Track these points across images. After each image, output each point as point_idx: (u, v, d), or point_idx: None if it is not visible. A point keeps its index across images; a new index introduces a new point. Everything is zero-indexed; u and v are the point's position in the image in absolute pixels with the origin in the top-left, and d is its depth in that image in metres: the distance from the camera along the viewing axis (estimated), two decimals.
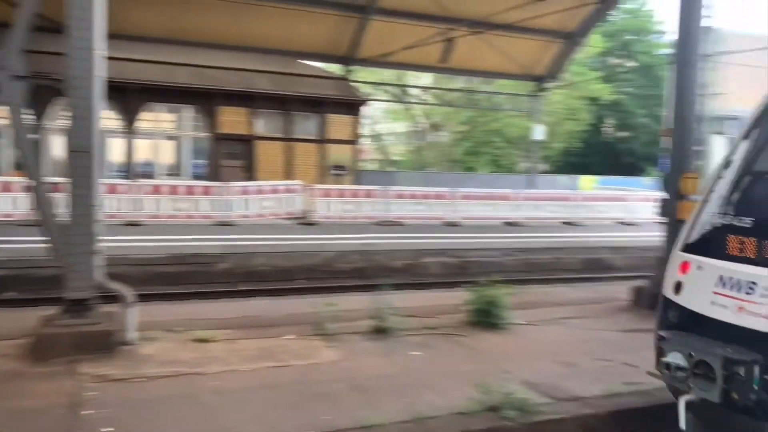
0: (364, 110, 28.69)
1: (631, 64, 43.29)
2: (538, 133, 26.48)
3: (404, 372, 6.57)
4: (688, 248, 4.87)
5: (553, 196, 22.00)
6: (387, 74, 33.87)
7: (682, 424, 4.38)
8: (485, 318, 8.35)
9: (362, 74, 29.20)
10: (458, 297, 9.21)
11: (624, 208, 22.68)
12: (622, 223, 22.17)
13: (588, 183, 33.63)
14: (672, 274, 4.94)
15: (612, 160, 42.87)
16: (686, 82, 9.62)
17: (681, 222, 9.75)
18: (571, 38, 24.46)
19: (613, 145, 44.56)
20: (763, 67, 47.58)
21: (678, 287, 4.79)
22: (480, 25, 21.03)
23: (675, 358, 4.39)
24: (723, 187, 4.82)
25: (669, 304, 4.92)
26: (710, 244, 4.61)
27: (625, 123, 43.35)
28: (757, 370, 3.85)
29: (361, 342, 7.56)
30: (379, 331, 7.79)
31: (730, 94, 45.50)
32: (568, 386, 6.22)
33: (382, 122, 48.72)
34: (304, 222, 18.76)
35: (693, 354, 4.22)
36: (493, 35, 22.43)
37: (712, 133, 31.66)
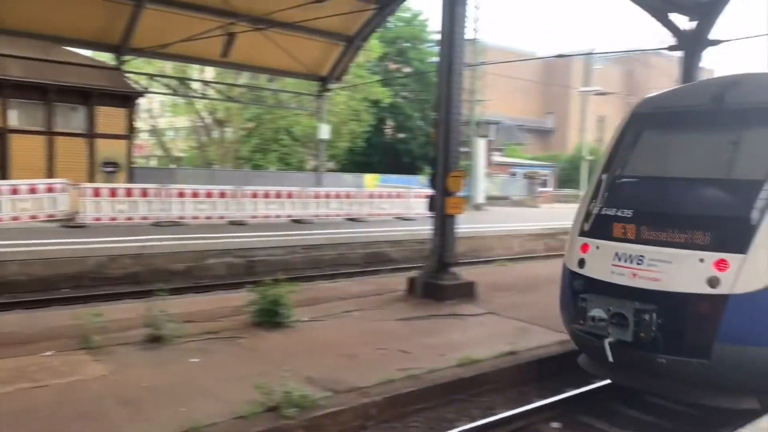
0: (140, 103, 26.82)
1: (407, 69, 46.15)
2: (324, 132, 27.05)
3: (181, 381, 6.24)
4: (586, 234, 6.61)
5: (339, 194, 22.62)
6: (170, 66, 32.08)
7: (610, 358, 5.94)
8: (269, 317, 8.29)
9: (139, 65, 27.27)
10: (243, 298, 9.01)
11: (403, 205, 24.11)
12: (402, 219, 23.55)
13: (371, 181, 35.16)
14: (575, 254, 6.61)
15: (393, 159, 45.33)
16: (450, 89, 10.45)
17: (450, 217, 10.69)
18: (352, 41, 25.34)
19: (393, 146, 47.14)
20: (522, 79, 53.96)
21: (581, 263, 6.52)
22: (262, 22, 20.83)
23: (598, 312, 6.10)
24: (605, 188, 6.66)
25: (575, 275, 6.61)
26: (603, 230, 6.39)
27: (403, 125, 46.07)
28: (654, 315, 5.71)
29: (133, 353, 7.02)
30: (154, 340, 7.32)
31: (493, 101, 50.57)
32: (348, 378, 6.40)
33: (163, 117, 46.07)
34: (71, 225, 16.98)
35: (611, 308, 5.99)
36: (276, 33, 22.38)
37: (476, 136, 34.96)
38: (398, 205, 24.07)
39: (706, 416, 6.63)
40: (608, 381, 7.10)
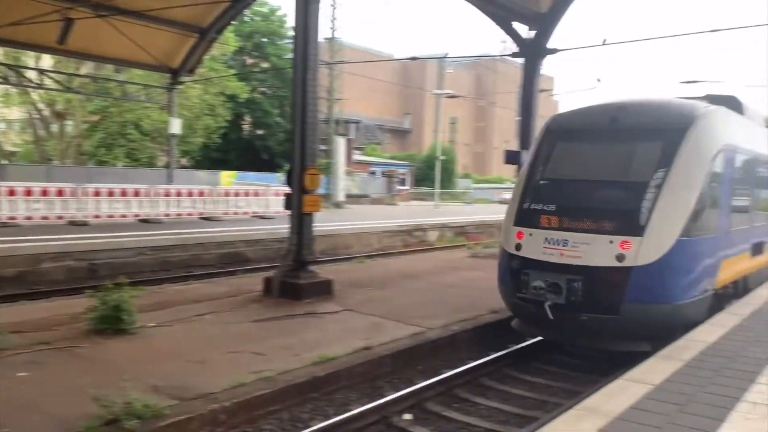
0: None
1: (265, 65, 45.33)
2: (175, 126, 25.74)
3: (4, 399, 5.62)
4: (520, 224, 8.35)
5: (192, 192, 21.68)
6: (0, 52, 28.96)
7: (551, 316, 7.60)
8: (111, 324, 7.72)
9: None
10: (82, 304, 8.35)
11: (261, 203, 23.65)
12: (260, 217, 23.09)
13: (227, 178, 34.12)
14: (512, 240, 8.33)
15: (251, 156, 44.36)
16: (306, 85, 10.37)
17: (307, 215, 10.62)
18: (206, 34, 24.34)
19: (251, 142, 46.12)
20: (380, 80, 54.95)
21: (518, 246, 8.20)
22: (104, 8, 19.36)
23: (538, 283, 7.75)
24: (531, 187, 8.56)
25: (513, 256, 8.27)
26: (533, 221, 8.16)
27: (262, 121, 45.22)
28: (580, 284, 7.47)
29: None
30: None
31: (353, 100, 51.05)
32: (196, 384, 6.12)
33: None
34: None
35: (548, 280, 7.68)
36: (122, 21, 20.94)
37: (336, 135, 35.07)
38: (256, 203, 23.57)
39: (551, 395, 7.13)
40: (463, 369, 7.73)
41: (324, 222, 20.13)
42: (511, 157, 16.84)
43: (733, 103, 10.52)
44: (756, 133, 11.11)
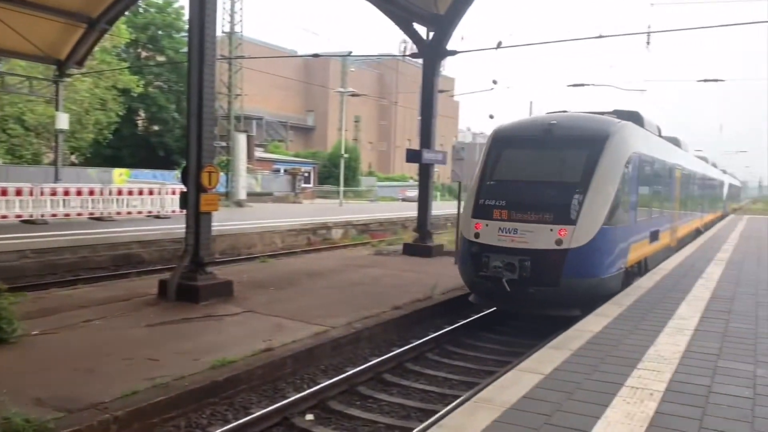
0: None
1: (161, 58, 43.54)
2: (62, 121, 24.18)
3: None
4: (476, 216, 10.04)
5: (81, 190, 20.45)
6: None
7: (508, 288, 9.30)
8: None
9: None
10: None
11: (156, 202, 22.70)
12: (156, 217, 22.19)
13: (120, 176, 32.52)
14: (471, 229, 10.03)
15: (146, 153, 42.49)
16: (202, 80, 10.04)
17: (205, 214, 10.28)
18: (95, 24, 23.04)
19: (146, 138, 44.19)
20: (283, 76, 54.17)
21: (477, 235, 9.88)
22: None
23: (497, 263, 9.42)
24: (485, 186, 10.28)
25: (472, 243, 9.96)
26: (488, 214, 9.86)
27: (157, 116, 43.40)
28: (528, 263, 9.23)
29: None
30: None
31: (254, 96, 50.09)
32: (85, 394, 5.79)
33: None
34: None
35: (505, 260, 9.35)
36: (2, 8, 19.45)
37: (237, 131, 34.28)
38: (151, 202, 22.58)
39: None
40: (366, 366, 7.77)
41: (224, 221, 19.65)
42: (413, 156, 17.13)
43: (636, 117, 12.78)
44: (653, 141, 13.87)
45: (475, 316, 10.87)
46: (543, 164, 10.29)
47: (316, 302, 10.34)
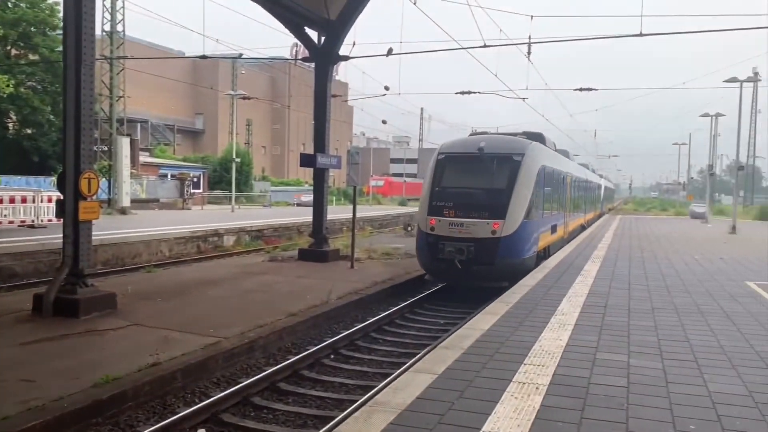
0: None
1: (34, 57, 40.55)
2: None
3: None
4: (431, 214, 13.27)
5: None
6: None
7: (459, 267, 12.78)
8: None
9: None
10: None
11: (30, 210, 21.12)
12: (30, 226, 20.64)
13: None
14: (427, 224, 13.27)
15: (18, 158, 39.32)
16: (79, 80, 9.45)
17: (85, 222, 9.67)
18: None
19: (18, 142, 40.90)
20: (168, 78, 52.12)
21: (432, 228, 13.09)
22: None
23: (451, 249, 12.83)
24: (436, 191, 13.58)
25: (428, 234, 13.18)
26: (440, 212, 13.19)
27: (30, 119, 40.27)
28: (473, 248, 12.77)
29: None
30: None
31: (139, 98, 47.83)
32: None
33: None
34: None
35: (456, 246, 12.82)
36: None
37: (120, 135, 32.61)
38: (24, 210, 20.99)
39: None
40: (260, 376, 7.50)
41: (107, 230, 18.62)
42: (307, 160, 17.02)
43: (540, 137, 17.05)
44: (552, 156, 17.94)
45: (372, 320, 10.96)
46: (478, 175, 13.84)
47: (208, 312, 10.01)
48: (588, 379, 5.64)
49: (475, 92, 25.87)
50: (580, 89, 24.22)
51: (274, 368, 8.00)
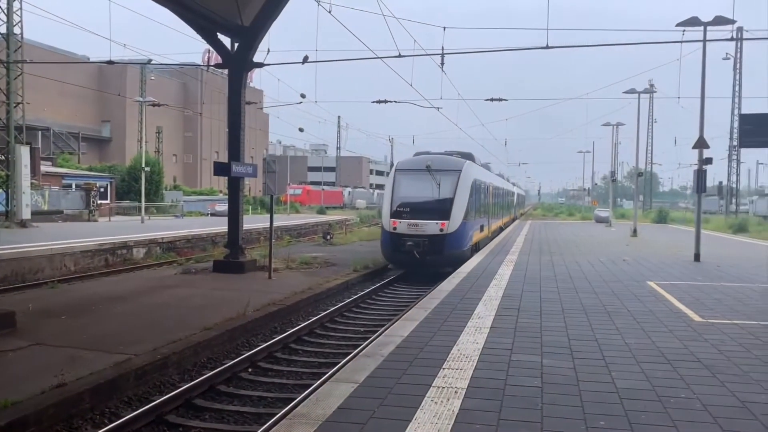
0: None
1: None
2: None
3: None
4: (393, 217, 17.87)
5: None
6: None
7: (418, 256, 17.41)
8: None
9: None
10: None
11: None
12: None
13: None
14: (390, 224, 17.95)
15: None
16: None
17: None
18: None
19: None
20: (71, 83, 49.58)
21: (395, 228, 17.69)
22: None
23: (410, 243, 17.43)
24: (395, 199, 18.30)
25: (392, 233, 17.78)
26: (400, 216, 17.87)
27: None
28: (426, 242, 17.46)
29: None
30: None
31: (39, 105, 45.22)
32: None
33: None
34: None
35: (414, 241, 17.48)
36: None
37: (18, 143, 30.72)
38: None
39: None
40: (175, 393, 7.16)
41: (5, 244, 17.45)
42: (221, 169, 16.64)
43: (470, 155, 22.23)
44: (480, 170, 23.13)
45: (291, 330, 10.82)
46: (427, 186, 18.29)
47: (117, 329, 9.57)
48: (504, 381, 5.79)
49: (391, 101, 26.18)
50: (491, 99, 25.01)
51: (189, 384, 7.73)
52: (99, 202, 40.56)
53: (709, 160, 18.41)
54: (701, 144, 18.08)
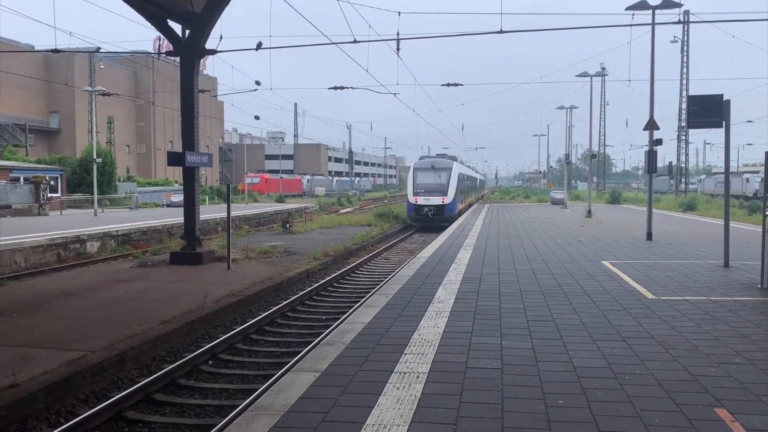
0: None
1: None
2: None
3: None
4: (415, 195, 33.01)
5: None
6: None
7: (431, 216, 32.36)
8: None
9: None
10: None
11: None
12: None
13: None
14: (413, 199, 33.01)
15: None
16: None
17: None
18: None
19: None
20: (15, 73, 47.66)
21: (416, 201, 32.78)
22: None
23: (427, 209, 32.49)
24: (415, 185, 33.48)
25: (414, 204, 32.86)
26: (419, 194, 33.00)
27: None
28: (434, 209, 32.63)
29: None
30: None
31: None
32: None
33: None
34: None
35: (427, 207, 32.61)
36: None
37: None
38: None
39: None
40: (134, 388, 7.04)
41: None
42: (175, 159, 16.30)
43: (455, 157, 42.41)
44: (462, 167, 40.85)
45: (251, 321, 10.72)
46: (434, 177, 32.91)
47: (71, 325, 9.32)
48: (465, 364, 5.86)
49: (347, 87, 26.02)
50: (447, 85, 25.09)
51: (149, 379, 7.59)
52: (49, 195, 39.31)
53: (659, 141, 18.89)
54: (651, 125, 18.53)
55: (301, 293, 13.38)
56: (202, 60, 18.38)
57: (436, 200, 31.70)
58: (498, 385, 5.26)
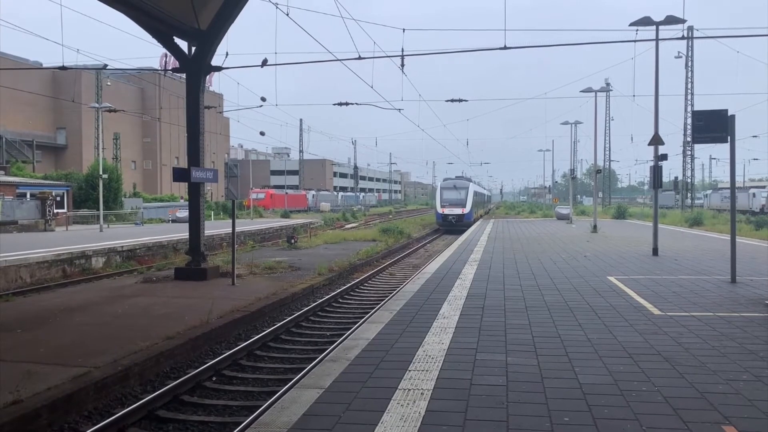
0: None
1: None
2: None
3: None
4: (442, 207, 45.71)
5: None
6: None
7: (454, 223, 44.33)
8: None
9: None
10: None
11: None
12: None
13: None
14: (441, 210, 45.73)
15: None
16: None
17: None
18: None
19: None
20: (23, 90, 48.09)
21: (443, 211, 45.32)
22: None
23: (451, 217, 44.63)
24: (442, 199, 46.35)
25: (442, 213, 45.51)
26: (444, 206, 45.76)
27: None
28: (456, 217, 44.73)
29: None
30: None
31: None
32: None
33: None
34: None
35: (451, 216, 44.89)
36: None
37: None
38: None
39: None
40: (137, 405, 7.01)
41: None
42: (181, 175, 16.38)
43: (470, 179, 59.62)
44: (475, 186, 55.03)
45: (255, 337, 10.69)
46: (455, 193, 45.19)
47: (75, 341, 9.32)
48: (470, 381, 5.82)
49: (352, 103, 26.16)
50: (452, 100, 25.19)
51: (152, 395, 7.57)
52: (56, 211, 39.48)
53: (664, 157, 18.88)
54: (656, 141, 18.53)
55: (306, 309, 13.35)
56: (207, 76, 18.52)
57: (458, 211, 43.70)
58: (503, 402, 5.22)
